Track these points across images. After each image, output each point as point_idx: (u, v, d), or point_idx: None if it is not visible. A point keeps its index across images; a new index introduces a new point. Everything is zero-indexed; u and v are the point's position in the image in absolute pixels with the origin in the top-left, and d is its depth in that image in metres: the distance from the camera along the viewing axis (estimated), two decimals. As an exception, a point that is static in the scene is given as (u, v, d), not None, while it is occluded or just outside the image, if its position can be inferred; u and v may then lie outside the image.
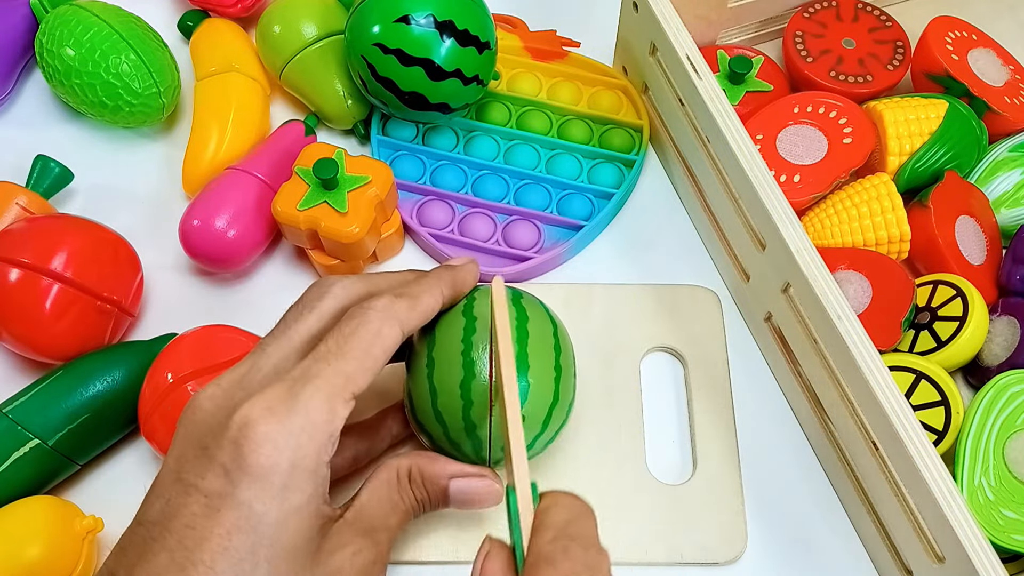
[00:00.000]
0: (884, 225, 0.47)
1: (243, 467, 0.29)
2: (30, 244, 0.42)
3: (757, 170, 0.41)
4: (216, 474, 0.30)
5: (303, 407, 0.31)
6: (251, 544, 0.29)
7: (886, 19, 0.54)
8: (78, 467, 0.43)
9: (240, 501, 0.29)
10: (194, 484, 0.30)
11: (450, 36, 0.46)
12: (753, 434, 0.46)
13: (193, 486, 0.30)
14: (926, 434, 0.36)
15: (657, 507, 0.43)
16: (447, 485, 0.36)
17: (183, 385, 0.41)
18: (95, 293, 0.43)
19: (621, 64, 0.54)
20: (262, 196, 0.47)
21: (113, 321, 0.45)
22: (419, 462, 0.36)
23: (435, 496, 0.36)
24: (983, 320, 0.44)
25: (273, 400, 0.31)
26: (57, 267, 0.42)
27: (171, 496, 0.30)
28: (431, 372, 0.37)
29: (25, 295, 0.42)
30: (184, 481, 0.30)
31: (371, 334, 0.33)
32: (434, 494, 0.36)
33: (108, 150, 0.54)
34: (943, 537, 0.35)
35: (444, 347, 0.37)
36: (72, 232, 0.44)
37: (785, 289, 0.42)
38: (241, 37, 0.54)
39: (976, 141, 0.49)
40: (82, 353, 0.44)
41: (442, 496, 0.36)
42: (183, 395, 0.40)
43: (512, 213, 0.51)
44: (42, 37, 0.49)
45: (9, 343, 0.43)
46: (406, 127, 0.53)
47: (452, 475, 0.36)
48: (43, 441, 0.41)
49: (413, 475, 0.36)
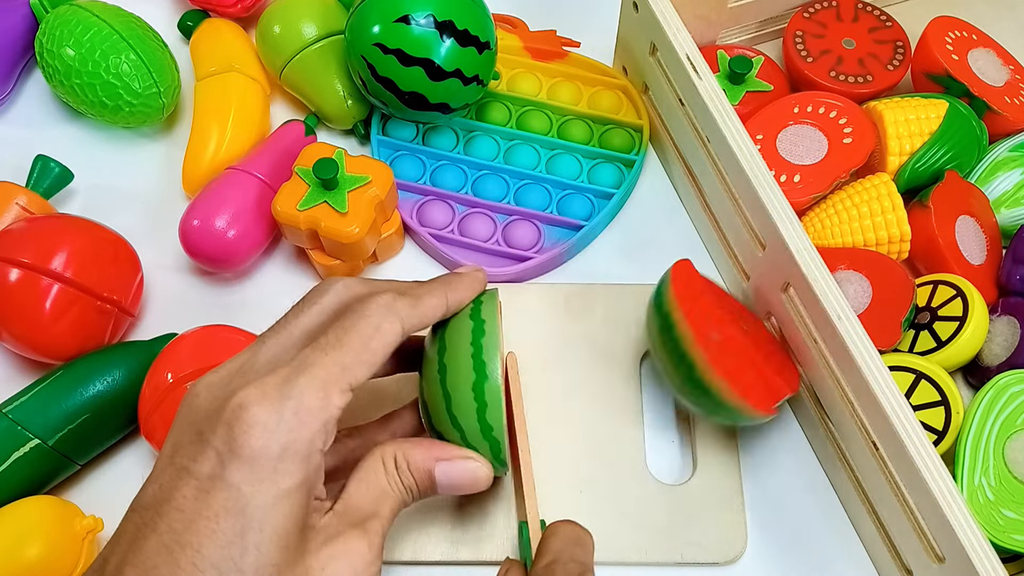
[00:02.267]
0: (884, 225, 0.47)
1: (234, 449, 0.29)
2: (30, 244, 0.42)
3: (757, 170, 0.41)
4: (208, 457, 0.30)
5: (297, 392, 0.31)
6: (240, 527, 0.29)
7: (886, 19, 0.54)
8: (78, 467, 0.43)
9: (229, 483, 0.29)
10: (186, 467, 0.30)
11: (450, 36, 0.46)
12: (753, 434, 0.46)
13: (185, 469, 0.30)
14: (926, 434, 0.36)
15: (657, 507, 0.43)
16: (433, 469, 0.36)
17: (183, 385, 0.41)
18: (95, 293, 0.43)
19: (621, 64, 0.54)
20: (262, 196, 0.47)
21: (113, 321, 0.45)
22: (404, 447, 0.35)
23: (422, 482, 0.36)
24: (983, 320, 0.44)
25: (268, 386, 0.31)
26: (57, 267, 0.42)
27: (164, 480, 0.30)
28: (443, 377, 0.37)
29: (25, 295, 0.42)
30: (177, 465, 0.30)
31: (371, 327, 0.33)
32: (421, 480, 0.36)
33: (108, 150, 0.54)
34: (943, 537, 0.35)
35: (455, 351, 0.37)
36: (72, 232, 0.44)
37: (785, 289, 0.42)
38: (241, 37, 0.54)
39: (976, 141, 0.49)
40: (82, 353, 0.44)
41: (430, 482, 0.36)
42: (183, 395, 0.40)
43: (512, 213, 0.51)
44: (42, 37, 0.49)
45: (9, 343, 0.43)
46: (406, 127, 0.53)
47: (438, 458, 0.36)
48: (43, 441, 0.41)
49: (399, 461, 0.35)
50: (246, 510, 0.29)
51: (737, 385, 0.39)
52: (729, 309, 0.42)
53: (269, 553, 0.30)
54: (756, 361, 0.40)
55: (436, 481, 0.36)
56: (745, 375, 0.39)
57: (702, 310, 0.40)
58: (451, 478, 0.36)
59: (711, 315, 0.40)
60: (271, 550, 0.30)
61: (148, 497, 0.30)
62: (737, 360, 0.39)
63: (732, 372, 0.39)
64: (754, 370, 0.39)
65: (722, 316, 0.40)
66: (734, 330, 0.40)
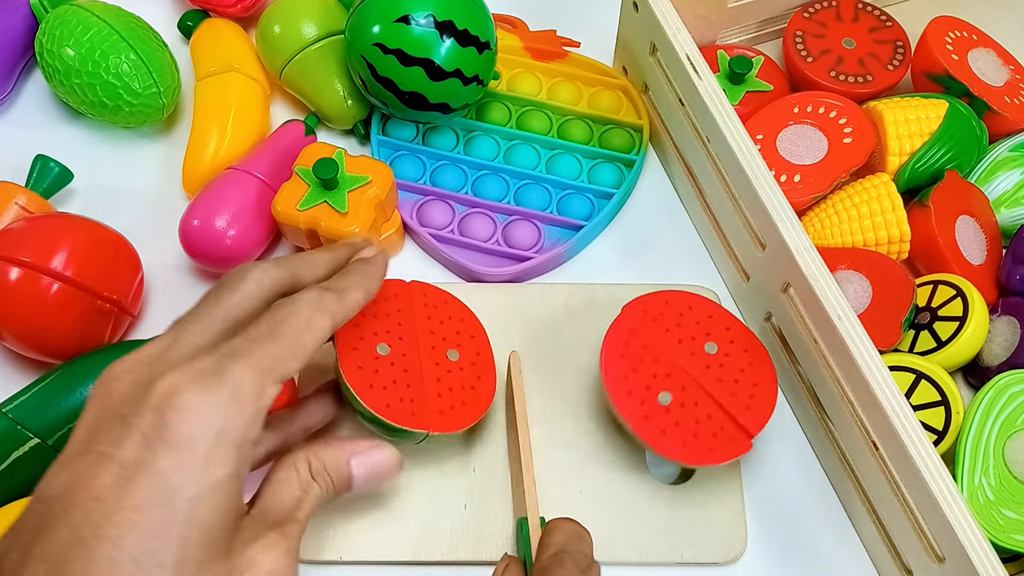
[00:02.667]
0: (884, 225, 0.47)
1: (164, 435, 0.28)
2: (30, 243, 0.42)
3: (757, 170, 0.41)
4: (134, 442, 0.28)
5: (232, 379, 0.30)
6: (163, 519, 0.27)
7: (886, 19, 0.54)
8: None
9: (157, 470, 0.28)
10: (107, 454, 0.28)
11: (450, 36, 0.46)
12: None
13: (106, 455, 0.28)
14: (926, 434, 0.36)
15: (657, 507, 0.43)
16: (348, 466, 0.35)
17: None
18: (95, 292, 0.43)
19: (621, 64, 0.54)
20: (262, 196, 0.47)
21: (113, 321, 0.45)
22: (315, 450, 0.35)
23: (339, 481, 0.35)
24: (983, 320, 0.44)
25: (201, 371, 0.30)
26: (57, 266, 0.42)
27: (79, 468, 0.28)
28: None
29: (25, 294, 0.42)
30: (95, 451, 0.28)
31: (303, 322, 0.33)
32: (339, 479, 0.35)
33: (108, 150, 0.54)
34: (943, 537, 0.35)
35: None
36: (72, 231, 0.44)
37: (785, 289, 0.42)
38: (241, 37, 0.54)
39: (976, 141, 0.49)
40: (82, 352, 0.44)
41: (346, 480, 0.35)
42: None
43: (512, 213, 0.51)
44: (42, 37, 0.49)
45: (9, 342, 0.43)
46: (406, 127, 0.53)
47: (351, 454, 0.35)
48: (43, 440, 0.41)
49: (314, 465, 0.34)
50: (172, 501, 0.28)
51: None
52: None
53: (193, 549, 0.28)
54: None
55: (354, 479, 0.35)
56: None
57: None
58: (367, 470, 0.36)
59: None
60: (195, 546, 0.28)
61: (58, 486, 0.28)
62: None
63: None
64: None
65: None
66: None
